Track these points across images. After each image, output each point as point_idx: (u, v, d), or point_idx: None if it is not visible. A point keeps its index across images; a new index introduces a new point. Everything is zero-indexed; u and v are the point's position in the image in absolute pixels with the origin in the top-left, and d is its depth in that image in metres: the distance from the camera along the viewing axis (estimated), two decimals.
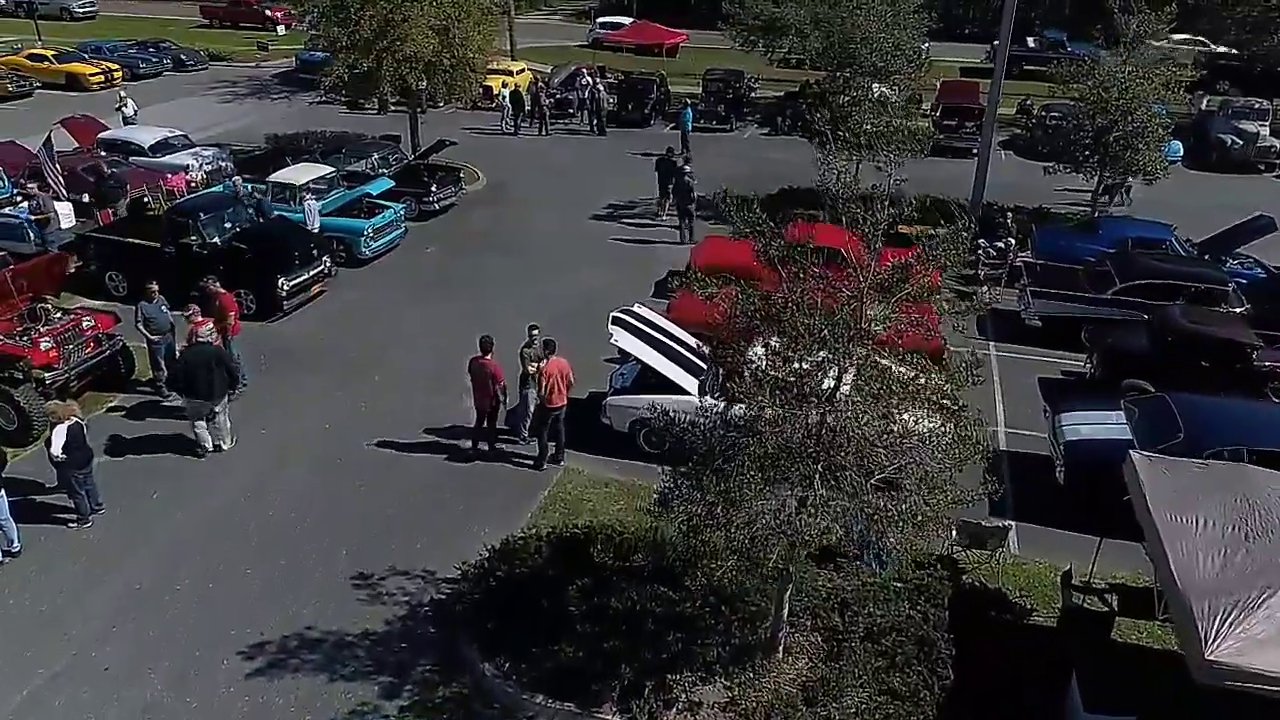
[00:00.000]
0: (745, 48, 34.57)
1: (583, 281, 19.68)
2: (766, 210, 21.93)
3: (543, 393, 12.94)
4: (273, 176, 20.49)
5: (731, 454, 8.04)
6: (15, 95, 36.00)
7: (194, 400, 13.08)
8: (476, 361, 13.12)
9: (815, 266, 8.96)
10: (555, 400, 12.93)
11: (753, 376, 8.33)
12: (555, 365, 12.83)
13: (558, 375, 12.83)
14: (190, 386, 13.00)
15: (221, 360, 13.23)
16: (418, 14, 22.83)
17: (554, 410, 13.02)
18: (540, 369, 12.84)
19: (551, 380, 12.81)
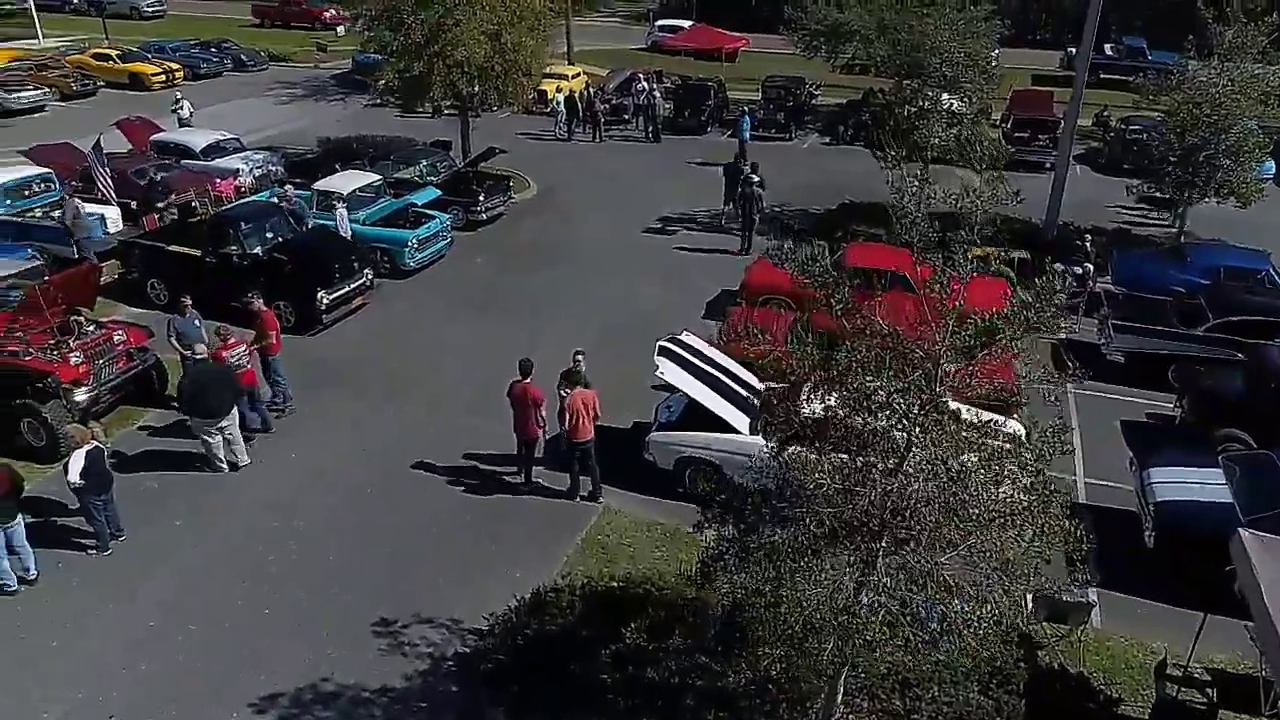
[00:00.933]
0: (807, 54, 33.48)
1: (632, 297, 18.90)
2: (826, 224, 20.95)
3: (567, 426, 12.19)
4: (317, 184, 20.07)
5: (784, 523, 7.15)
6: (79, 94, 36.44)
7: (199, 419, 12.62)
8: (516, 386, 12.42)
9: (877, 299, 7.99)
10: (580, 434, 12.16)
11: (810, 430, 7.46)
12: (580, 397, 12.07)
13: (582, 407, 12.04)
14: (195, 405, 12.54)
15: (228, 378, 12.73)
16: (469, 19, 22.26)
17: (580, 444, 12.25)
18: (565, 403, 12.07)
19: (576, 413, 12.04)
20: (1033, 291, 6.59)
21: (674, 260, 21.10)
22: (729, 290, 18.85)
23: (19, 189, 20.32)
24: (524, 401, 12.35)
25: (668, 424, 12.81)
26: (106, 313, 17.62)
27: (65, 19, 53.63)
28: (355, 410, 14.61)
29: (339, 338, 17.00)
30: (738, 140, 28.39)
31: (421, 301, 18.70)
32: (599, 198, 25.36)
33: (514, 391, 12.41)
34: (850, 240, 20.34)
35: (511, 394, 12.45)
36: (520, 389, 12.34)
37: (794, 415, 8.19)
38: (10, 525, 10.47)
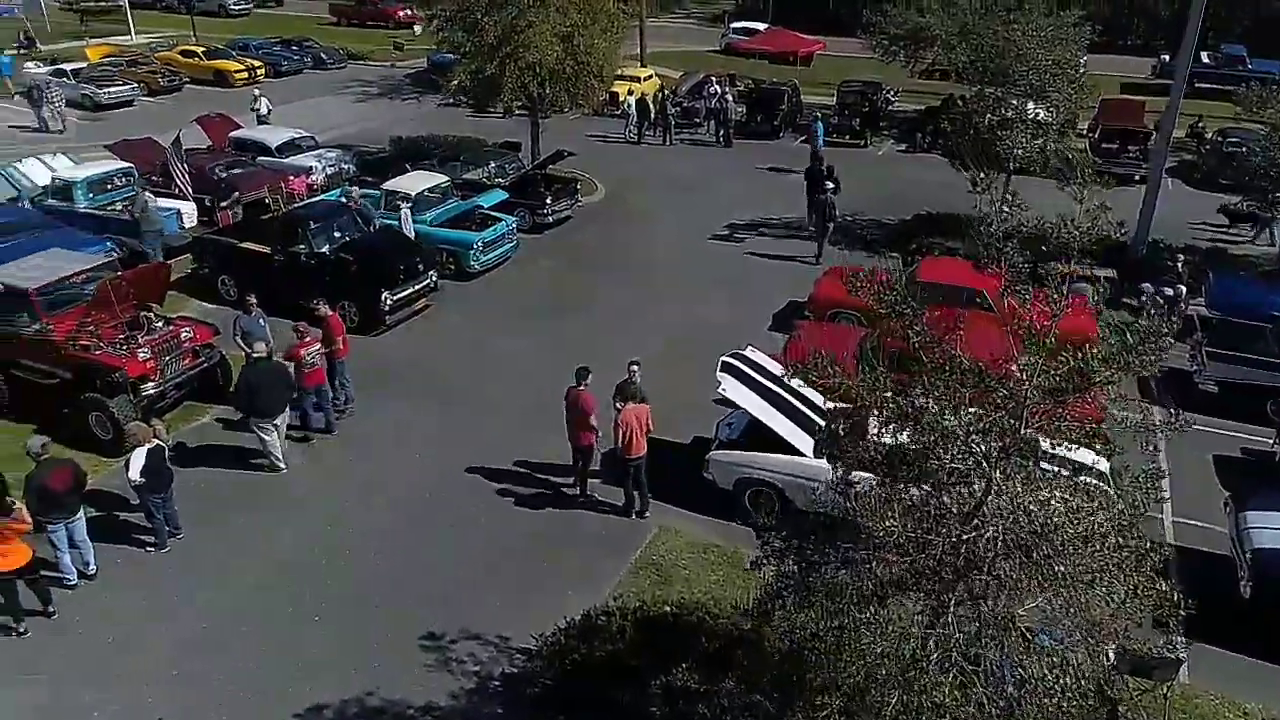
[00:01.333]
0: (885, 58, 32.63)
1: (697, 307, 18.52)
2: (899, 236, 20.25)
3: (619, 442, 11.88)
4: (386, 184, 20.12)
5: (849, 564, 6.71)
6: (166, 90, 37.48)
7: (255, 417, 12.71)
8: (572, 392, 12.17)
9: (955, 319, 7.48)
10: (632, 450, 11.84)
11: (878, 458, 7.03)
12: (632, 412, 11.74)
13: (634, 423, 11.71)
14: (251, 403, 12.60)
15: (282, 375, 12.77)
16: (542, 20, 22.11)
17: (632, 460, 11.94)
18: (617, 418, 11.76)
19: (628, 428, 11.72)
20: (1136, 331, 6.02)
21: (741, 269, 20.64)
22: (797, 302, 18.34)
23: (101, 183, 20.79)
24: (578, 408, 12.11)
25: (729, 443, 12.40)
26: (178, 308, 17.94)
27: (158, 16, 55.38)
28: (412, 414, 14.53)
29: (401, 339, 16.99)
30: (811, 146, 27.76)
31: (484, 305, 18.61)
32: (667, 202, 25.03)
33: (569, 397, 12.18)
34: (924, 254, 19.65)
35: (567, 400, 12.22)
36: (575, 395, 12.09)
37: (861, 445, 7.78)
38: (73, 520, 10.57)
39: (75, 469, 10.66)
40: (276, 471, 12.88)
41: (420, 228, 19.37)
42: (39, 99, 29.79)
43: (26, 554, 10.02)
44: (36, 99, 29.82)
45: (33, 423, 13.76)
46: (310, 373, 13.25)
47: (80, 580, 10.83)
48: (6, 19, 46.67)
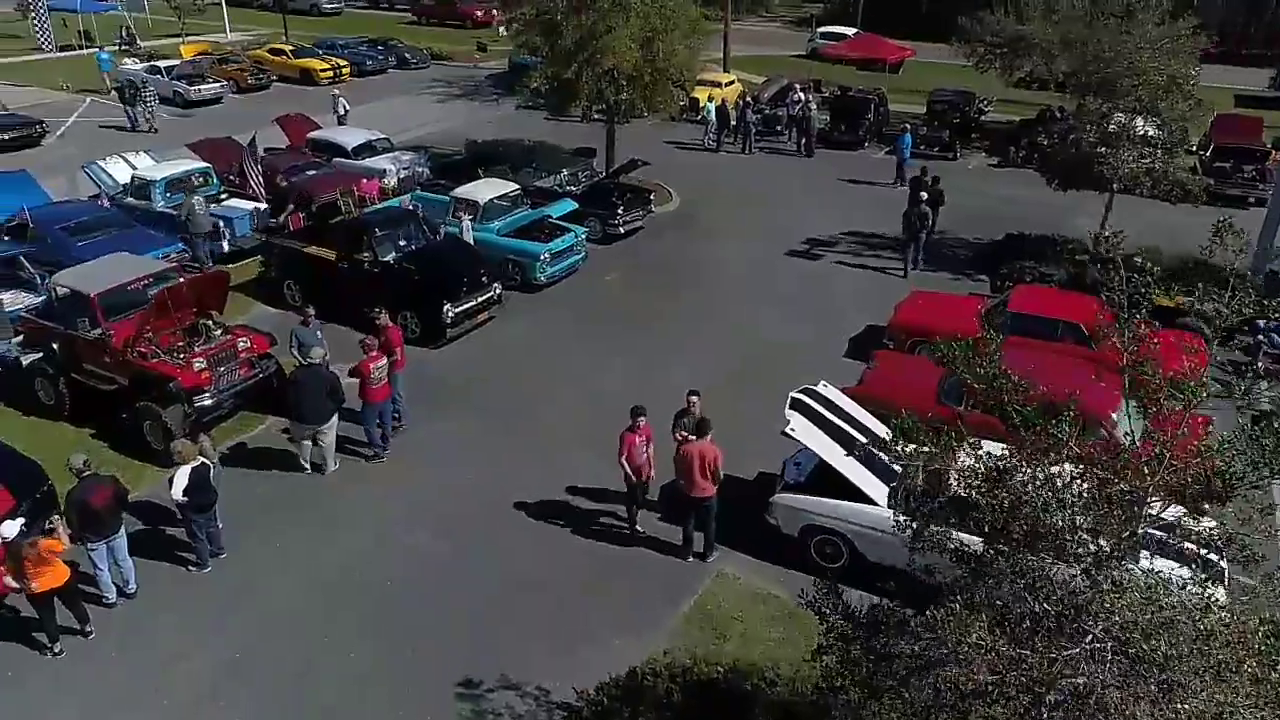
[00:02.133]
0: (980, 67, 31.09)
1: (769, 328, 17.67)
2: (988, 258, 18.91)
3: (679, 478, 11.12)
4: (456, 191, 19.76)
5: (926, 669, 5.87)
6: (254, 87, 38.13)
7: (298, 423, 12.55)
8: (626, 436, 11.46)
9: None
10: (695, 490, 11.02)
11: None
12: (697, 449, 10.88)
13: (697, 460, 10.85)
14: (296, 409, 12.40)
15: (330, 385, 12.48)
16: (622, 26, 21.49)
17: (696, 500, 11.14)
18: (682, 454, 11.00)
19: (689, 466, 10.90)
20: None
21: (817, 288, 19.67)
22: (876, 327, 17.31)
23: (179, 183, 20.94)
24: (625, 450, 11.43)
25: (796, 485, 11.54)
26: (244, 311, 17.93)
27: (253, 14, 56.73)
28: (465, 435, 14.04)
29: (459, 353, 16.54)
30: (896, 159, 26.59)
31: (546, 319, 18.06)
32: (743, 214, 24.18)
33: (623, 438, 11.50)
34: (1016, 280, 18.38)
35: (622, 440, 11.54)
36: (628, 439, 11.39)
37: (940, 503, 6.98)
38: (114, 538, 10.33)
39: (117, 486, 10.42)
40: (319, 491, 12.54)
41: (487, 237, 18.95)
42: (132, 98, 30.42)
43: (65, 574, 9.80)
44: (129, 97, 30.47)
45: (91, 428, 13.82)
46: (376, 388, 12.87)
47: (120, 599, 10.60)
48: (110, 15, 48.23)
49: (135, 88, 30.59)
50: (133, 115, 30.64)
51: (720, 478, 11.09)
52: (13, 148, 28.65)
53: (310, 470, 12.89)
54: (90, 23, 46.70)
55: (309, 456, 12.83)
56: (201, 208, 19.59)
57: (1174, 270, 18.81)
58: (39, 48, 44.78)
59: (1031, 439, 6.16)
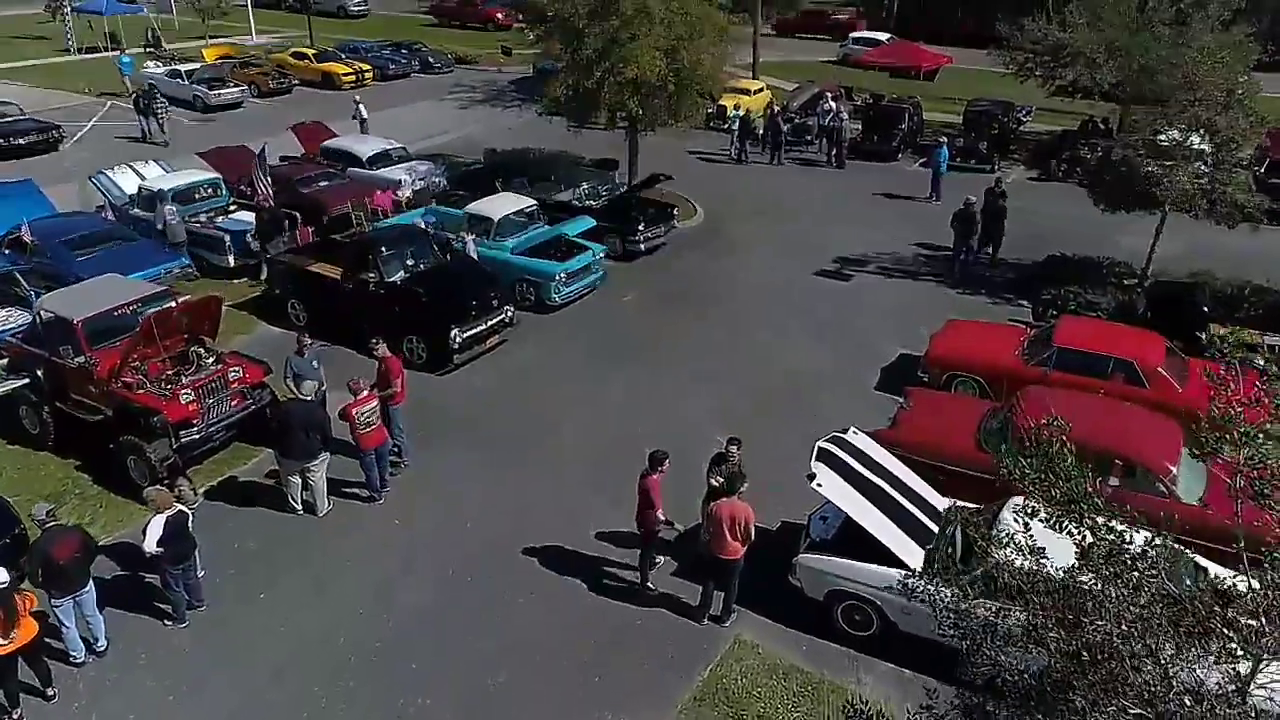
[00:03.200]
0: (1020, 76, 29.85)
1: (795, 355, 16.68)
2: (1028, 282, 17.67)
3: (705, 534, 10.19)
4: (470, 207, 18.92)
5: None
6: (276, 91, 37.65)
7: (284, 459, 11.80)
8: (645, 480, 10.60)
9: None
10: (724, 551, 10.09)
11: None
12: (730, 510, 9.94)
13: (727, 520, 9.92)
14: (281, 444, 11.67)
15: (318, 420, 11.71)
16: (645, 34, 20.59)
17: (722, 561, 10.21)
18: (712, 512, 10.06)
19: (718, 523, 9.97)
20: None
21: (848, 312, 18.62)
22: (910, 356, 16.29)
23: (187, 194, 20.31)
24: (647, 497, 10.54)
25: (821, 543, 10.55)
26: (247, 329, 17.25)
27: (282, 16, 56.45)
28: (470, 471, 13.17)
29: (466, 380, 15.70)
30: (932, 173, 25.46)
31: (560, 343, 17.16)
32: (770, 229, 23.17)
33: (641, 484, 10.60)
34: (1060, 308, 17.22)
35: (640, 486, 10.65)
36: (645, 484, 10.52)
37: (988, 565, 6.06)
38: (81, 592, 9.56)
39: (84, 538, 9.66)
40: (309, 536, 11.75)
41: (500, 255, 18.12)
42: (146, 107, 29.67)
43: (33, 629, 9.06)
44: (144, 107, 29.73)
45: (76, 459, 13.13)
46: (367, 434, 12.02)
47: (88, 656, 9.83)
48: (136, 16, 48.04)
49: (150, 97, 29.90)
50: (145, 125, 29.91)
51: (751, 538, 10.12)
52: (29, 153, 28.28)
53: (301, 511, 12.10)
54: (117, 25, 46.57)
55: (299, 496, 12.04)
56: (175, 216, 18.94)
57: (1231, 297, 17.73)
58: (65, 49, 44.67)
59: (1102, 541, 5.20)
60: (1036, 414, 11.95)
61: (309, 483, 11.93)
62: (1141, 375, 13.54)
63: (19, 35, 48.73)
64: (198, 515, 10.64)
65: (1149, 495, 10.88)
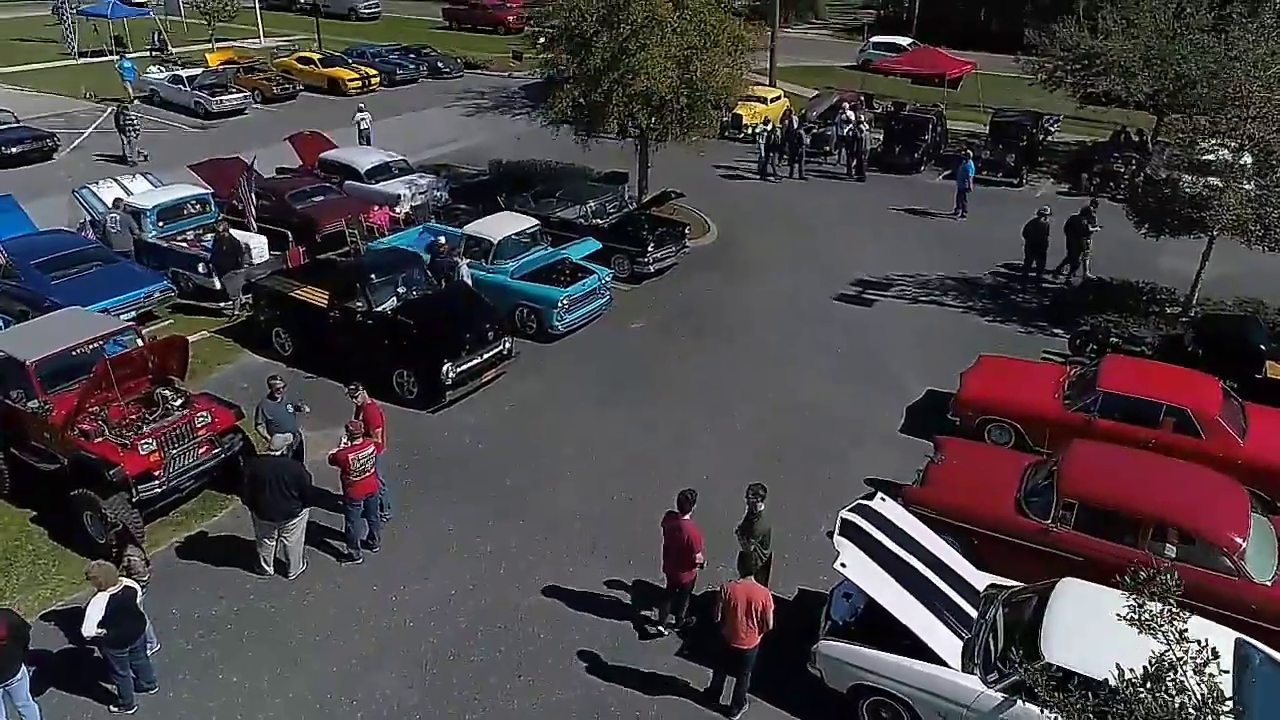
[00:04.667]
0: (1049, 85, 28.55)
1: (813, 392, 15.52)
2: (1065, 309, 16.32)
3: (720, 618, 9.08)
4: (468, 228, 17.82)
5: None
6: (280, 97, 36.68)
7: (258, 520, 10.76)
8: (672, 521, 9.72)
9: None
10: (739, 640, 8.98)
11: None
12: (745, 592, 8.84)
13: (743, 604, 8.81)
14: (252, 499, 10.63)
15: (292, 476, 10.59)
16: (656, 43, 19.46)
17: (736, 650, 9.09)
18: (726, 595, 8.94)
19: (733, 607, 8.86)
20: None
21: (870, 342, 17.41)
22: (938, 394, 15.12)
23: (174, 211, 19.31)
24: (679, 541, 9.70)
25: (844, 628, 9.38)
26: (230, 359, 16.28)
27: (290, 18, 55.58)
28: (458, 528, 12.06)
29: (460, 419, 14.58)
30: (957, 188, 24.20)
31: (562, 376, 16.02)
32: (787, 248, 21.98)
33: (668, 526, 9.85)
34: (1098, 338, 15.94)
35: (665, 527, 9.90)
36: (677, 525, 9.69)
37: None
38: (12, 681, 8.53)
39: (12, 620, 8.60)
40: (273, 607, 10.71)
41: (500, 279, 17.03)
42: (124, 126, 27.73)
43: None
44: (122, 125, 27.81)
45: (33, 509, 12.12)
46: (360, 482, 10.97)
47: None
48: (143, 19, 47.28)
49: (124, 115, 27.81)
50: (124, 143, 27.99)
51: (769, 626, 8.97)
52: (22, 162, 27.35)
53: (272, 573, 11.04)
54: (123, 28, 45.80)
55: (271, 558, 10.99)
56: (117, 225, 18.01)
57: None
58: (67, 53, 43.89)
59: None
60: (1083, 474, 10.92)
61: (283, 541, 10.88)
62: (1196, 424, 12.32)
63: (25, 37, 48.03)
64: (149, 589, 9.59)
65: (1213, 571, 9.70)
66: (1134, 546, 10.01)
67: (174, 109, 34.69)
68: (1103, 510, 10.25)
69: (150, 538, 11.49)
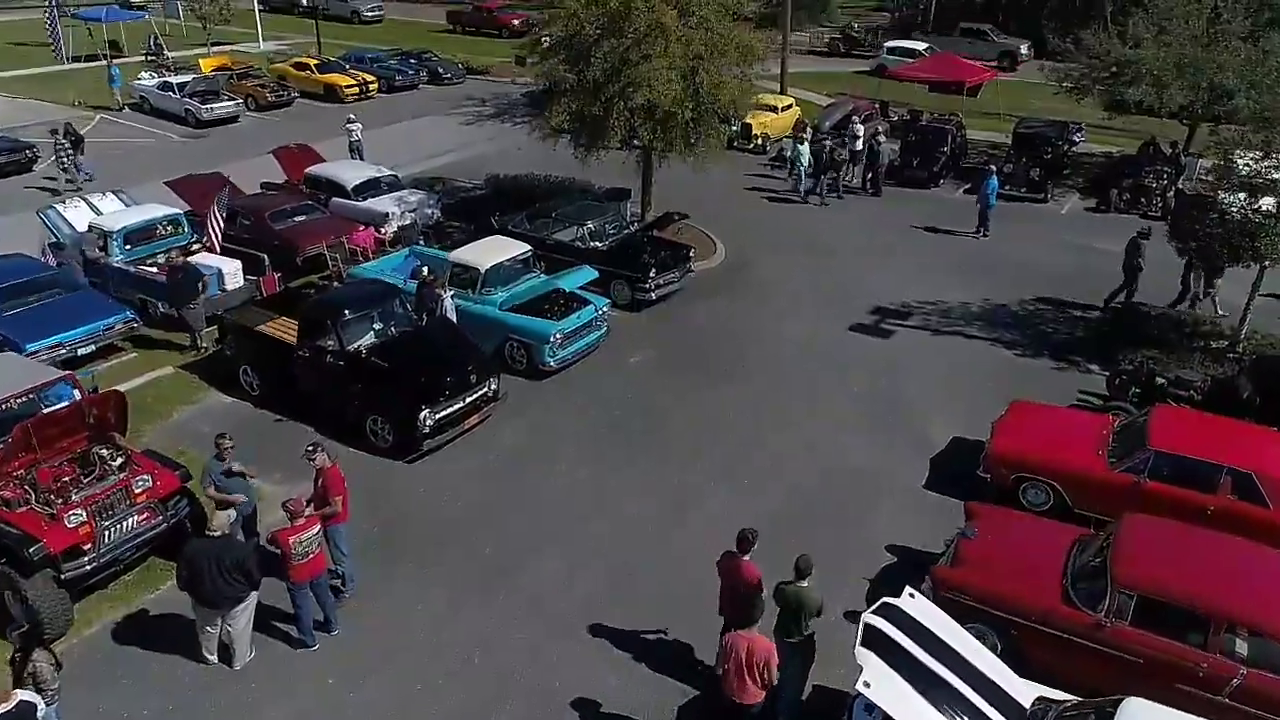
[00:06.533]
0: (1076, 95, 27.07)
1: (827, 440, 14.16)
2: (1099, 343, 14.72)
3: (720, 668, 8.28)
4: (454, 255, 16.49)
5: None
6: (275, 105, 35.54)
7: (198, 607, 9.48)
8: (731, 561, 9.09)
9: None
10: (738, 693, 8.22)
11: None
12: (745, 640, 8.17)
13: (743, 655, 8.11)
14: (190, 584, 9.32)
15: (236, 558, 9.28)
16: (660, 52, 18.14)
17: (738, 706, 8.27)
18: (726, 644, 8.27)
19: (734, 658, 8.17)
20: None
21: (889, 380, 16.00)
22: (965, 441, 13.77)
23: (143, 233, 18.08)
24: (736, 580, 8.97)
25: None
26: (192, 398, 15.03)
27: (291, 21, 54.36)
28: (430, 607, 10.73)
29: (437, 471, 13.22)
30: (980, 205, 22.77)
31: (552, 420, 14.63)
32: (799, 271, 20.58)
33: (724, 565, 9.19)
34: (1141, 381, 14.48)
35: (721, 568, 9.24)
36: (735, 565, 9.00)
37: None
38: None
39: None
40: (205, 664, 9.58)
41: (488, 311, 15.74)
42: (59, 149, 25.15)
43: None
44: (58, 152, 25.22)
45: None
46: (302, 565, 9.65)
47: None
48: (139, 23, 46.21)
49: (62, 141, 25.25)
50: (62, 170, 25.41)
51: (773, 682, 8.25)
52: None
53: (215, 660, 9.74)
54: (118, 32, 44.73)
55: (215, 644, 9.69)
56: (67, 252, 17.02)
57: None
58: (63, 59, 42.81)
59: None
60: (1141, 559, 9.53)
61: (228, 628, 9.58)
62: (1262, 490, 10.92)
63: (22, 41, 47.01)
64: (59, 697, 8.30)
65: None
66: (1202, 648, 8.65)
67: (166, 117, 33.58)
68: (1165, 604, 8.87)
69: (82, 616, 10.27)
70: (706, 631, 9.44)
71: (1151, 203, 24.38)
